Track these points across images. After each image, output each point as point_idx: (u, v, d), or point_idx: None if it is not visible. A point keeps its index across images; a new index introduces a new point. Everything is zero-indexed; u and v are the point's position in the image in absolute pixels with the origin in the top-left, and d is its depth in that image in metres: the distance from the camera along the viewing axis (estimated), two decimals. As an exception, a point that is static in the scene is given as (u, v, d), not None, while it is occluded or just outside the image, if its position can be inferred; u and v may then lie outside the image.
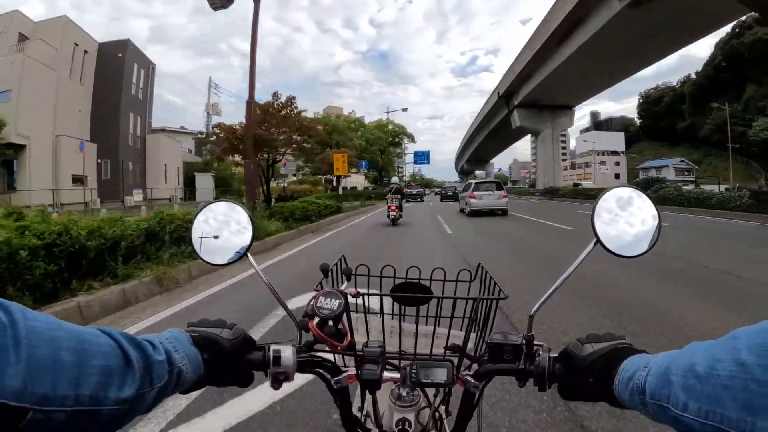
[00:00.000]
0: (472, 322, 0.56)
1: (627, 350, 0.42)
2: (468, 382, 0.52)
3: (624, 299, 3.41)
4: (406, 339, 0.60)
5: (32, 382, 0.26)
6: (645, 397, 0.34)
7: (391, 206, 10.57)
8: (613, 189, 0.53)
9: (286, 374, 0.48)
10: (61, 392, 0.27)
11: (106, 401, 0.30)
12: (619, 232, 0.52)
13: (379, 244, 7.21)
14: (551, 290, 0.51)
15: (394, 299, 0.61)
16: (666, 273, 4.34)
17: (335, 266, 0.70)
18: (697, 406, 0.29)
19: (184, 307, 3.42)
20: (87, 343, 0.30)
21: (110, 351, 0.32)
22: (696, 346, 0.32)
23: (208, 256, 0.59)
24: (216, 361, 0.45)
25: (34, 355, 0.26)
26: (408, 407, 0.55)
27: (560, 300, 3.18)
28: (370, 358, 0.48)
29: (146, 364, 0.35)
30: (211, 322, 0.49)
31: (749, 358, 0.26)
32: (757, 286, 3.81)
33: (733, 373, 0.27)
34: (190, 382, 0.42)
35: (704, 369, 0.29)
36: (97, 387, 0.30)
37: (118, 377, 0.32)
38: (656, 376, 0.34)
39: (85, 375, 0.29)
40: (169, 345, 0.40)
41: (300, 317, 0.50)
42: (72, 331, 0.30)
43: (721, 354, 0.28)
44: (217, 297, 3.73)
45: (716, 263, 4.86)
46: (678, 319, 2.90)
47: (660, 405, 0.33)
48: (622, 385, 0.38)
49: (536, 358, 0.48)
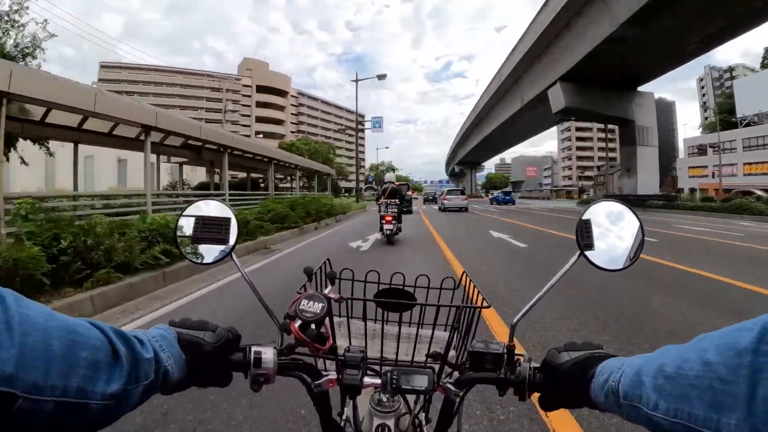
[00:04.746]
0: (454, 330, 0.58)
1: (602, 356, 0.44)
2: (449, 390, 0.53)
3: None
4: (388, 345, 0.61)
5: (24, 369, 0.26)
6: (619, 399, 0.36)
7: (386, 216, 7.46)
8: (599, 203, 0.56)
9: (267, 376, 0.49)
10: (50, 382, 0.28)
11: (93, 395, 0.31)
12: (605, 246, 0.54)
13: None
14: (533, 301, 0.53)
15: (377, 305, 0.63)
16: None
17: (319, 269, 0.71)
18: (666, 405, 0.30)
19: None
20: (77, 334, 0.31)
21: (99, 345, 0.32)
22: (668, 349, 0.33)
23: (193, 255, 0.59)
24: (198, 365, 0.46)
25: (26, 342, 0.27)
26: (388, 413, 0.56)
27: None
28: (351, 363, 0.49)
29: (134, 360, 0.35)
30: (194, 323, 0.49)
31: (714, 357, 0.28)
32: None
33: (699, 373, 0.28)
34: (174, 382, 0.42)
35: (673, 369, 0.31)
36: (85, 380, 0.30)
37: (105, 371, 0.32)
38: (629, 377, 0.35)
39: (74, 366, 0.29)
40: (156, 343, 0.41)
41: (282, 319, 0.51)
42: (64, 322, 0.30)
43: (689, 354, 0.30)
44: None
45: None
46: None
47: (633, 405, 0.34)
48: (598, 388, 0.40)
49: (517, 368, 0.49)
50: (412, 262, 5.66)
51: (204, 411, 1.74)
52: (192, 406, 1.77)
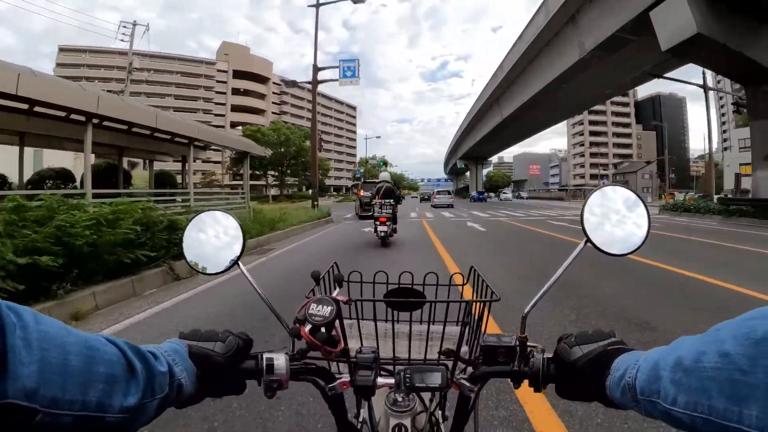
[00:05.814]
0: (465, 326, 0.63)
1: (617, 350, 0.48)
2: (463, 386, 0.58)
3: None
4: (400, 344, 0.67)
5: (44, 385, 0.29)
6: (636, 394, 0.39)
7: (381, 218, 7.79)
8: (602, 188, 0.61)
9: (280, 382, 0.54)
10: (69, 396, 0.31)
11: (110, 409, 0.34)
12: (610, 231, 0.59)
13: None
14: (543, 291, 0.58)
15: (387, 304, 0.68)
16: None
17: (327, 273, 0.76)
18: (686, 399, 0.32)
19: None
20: (94, 350, 0.34)
21: (115, 359, 0.36)
22: (683, 341, 0.36)
23: (199, 265, 0.65)
24: (210, 376, 0.50)
25: (46, 358, 0.30)
26: (404, 412, 0.60)
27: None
28: (364, 364, 0.54)
29: (149, 375, 0.39)
30: (203, 334, 0.53)
31: (732, 348, 0.29)
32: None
33: (718, 365, 0.30)
34: (187, 395, 0.47)
35: (690, 362, 0.33)
36: (103, 394, 0.33)
37: (122, 385, 0.35)
38: (646, 372, 0.38)
39: (92, 381, 0.33)
40: (169, 357, 0.45)
41: (291, 325, 0.55)
42: (80, 337, 0.34)
43: (706, 346, 0.32)
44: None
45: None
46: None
47: (651, 401, 0.37)
48: (614, 385, 0.43)
49: (530, 360, 0.54)
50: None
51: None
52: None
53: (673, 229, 11.07)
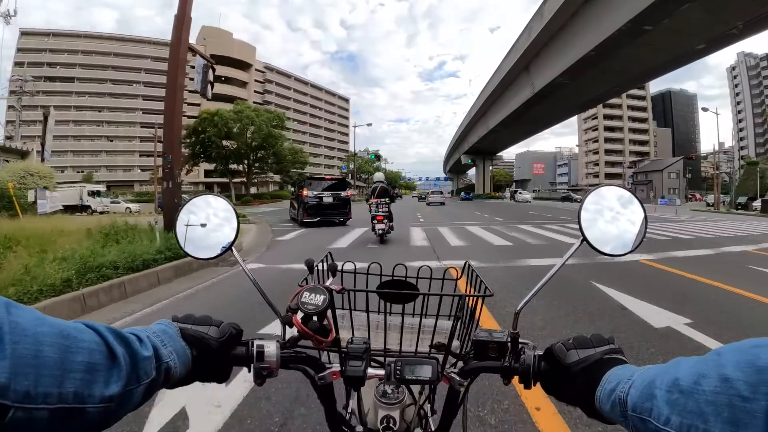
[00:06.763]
0: (457, 320, 0.68)
1: (612, 360, 0.51)
2: (453, 380, 0.63)
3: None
4: (392, 336, 0.72)
5: (15, 379, 0.29)
6: (626, 410, 0.41)
7: (378, 216, 9.22)
8: (600, 188, 0.66)
9: (270, 370, 0.58)
10: (43, 389, 0.31)
11: (91, 399, 0.35)
12: (606, 231, 0.64)
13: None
14: (536, 288, 0.63)
15: (380, 296, 0.73)
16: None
17: (321, 262, 0.80)
18: (680, 421, 0.34)
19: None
20: (70, 339, 0.35)
21: (95, 347, 0.37)
22: (681, 361, 0.38)
23: (193, 250, 0.70)
24: (204, 360, 0.54)
25: (16, 351, 0.30)
26: (393, 404, 0.65)
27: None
28: (355, 355, 0.59)
29: (132, 360, 0.41)
30: (197, 318, 0.57)
31: (734, 374, 0.31)
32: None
33: (718, 389, 0.32)
34: (177, 378, 0.50)
35: (689, 384, 0.34)
36: (82, 384, 0.34)
37: (103, 374, 0.36)
38: (639, 389, 0.40)
39: (69, 372, 0.33)
40: (157, 339, 0.48)
41: (283, 312, 0.60)
42: (55, 326, 0.34)
43: (706, 370, 0.34)
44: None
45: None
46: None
47: (641, 418, 0.39)
48: (604, 397, 0.46)
49: (521, 356, 0.58)
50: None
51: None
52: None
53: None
